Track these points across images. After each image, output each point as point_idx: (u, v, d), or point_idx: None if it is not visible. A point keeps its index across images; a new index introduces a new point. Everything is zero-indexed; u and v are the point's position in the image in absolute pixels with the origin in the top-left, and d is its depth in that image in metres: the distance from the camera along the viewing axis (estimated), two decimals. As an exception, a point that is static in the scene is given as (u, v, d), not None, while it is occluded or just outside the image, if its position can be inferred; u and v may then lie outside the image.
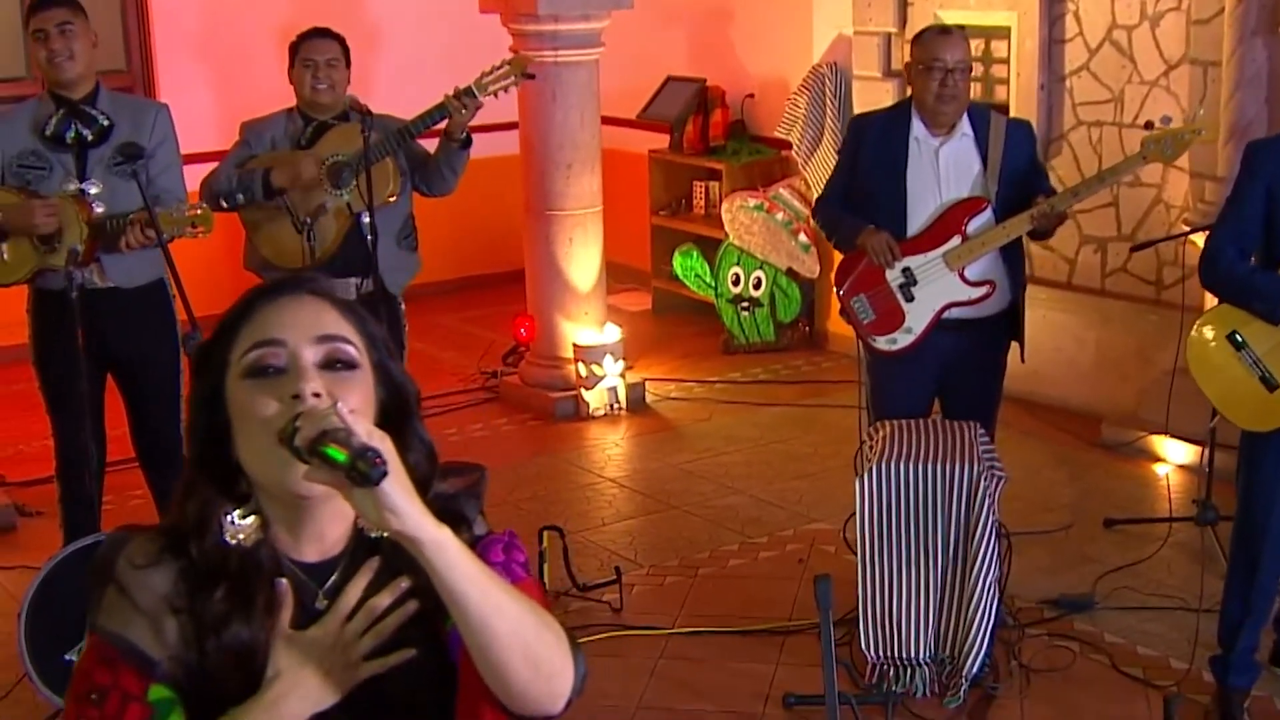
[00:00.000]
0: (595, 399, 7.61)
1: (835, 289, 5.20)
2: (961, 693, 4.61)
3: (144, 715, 1.71)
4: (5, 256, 4.94)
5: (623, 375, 7.65)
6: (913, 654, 4.66)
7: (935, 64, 4.89)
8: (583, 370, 7.60)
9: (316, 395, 1.72)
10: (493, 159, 8.13)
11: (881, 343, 5.09)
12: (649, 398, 7.83)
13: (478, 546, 1.84)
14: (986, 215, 4.97)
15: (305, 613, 1.79)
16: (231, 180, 5.40)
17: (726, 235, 8.70)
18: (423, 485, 1.76)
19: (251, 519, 1.78)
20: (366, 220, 5.41)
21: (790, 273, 8.51)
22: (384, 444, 1.65)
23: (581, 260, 7.68)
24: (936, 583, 4.63)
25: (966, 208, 4.97)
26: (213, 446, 1.78)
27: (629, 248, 9.63)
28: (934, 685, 4.68)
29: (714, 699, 4.79)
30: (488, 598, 1.68)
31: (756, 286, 8.59)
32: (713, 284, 8.79)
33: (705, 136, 9.05)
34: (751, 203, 8.55)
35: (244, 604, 1.75)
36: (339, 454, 1.61)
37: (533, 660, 1.71)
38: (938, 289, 4.99)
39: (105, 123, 4.99)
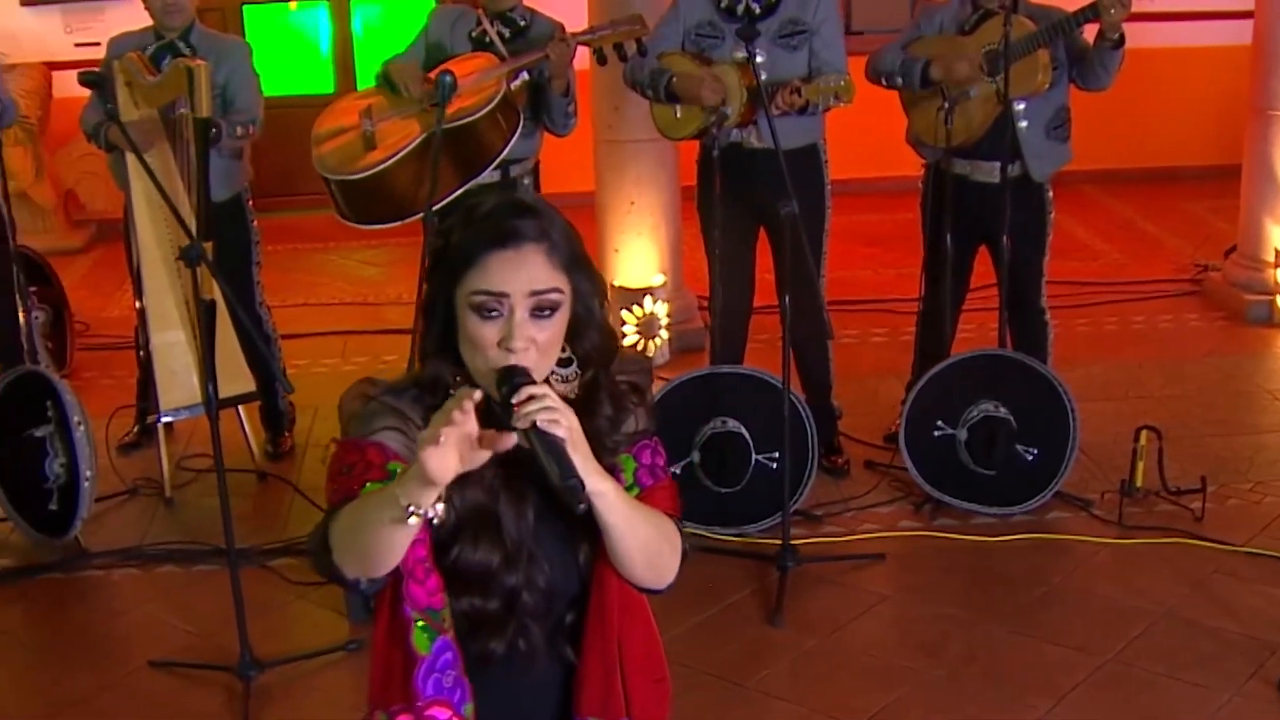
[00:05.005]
0: (1288, 307, 7.43)
1: None
2: None
3: (383, 476, 2.19)
4: (679, 114, 5.68)
5: (1324, 286, 7.41)
6: None
7: None
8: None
9: (525, 347, 2.17)
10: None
11: None
12: (1358, 313, 7.54)
13: (634, 446, 2.33)
14: None
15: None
16: (895, 63, 5.78)
17: None
18: (603, 362, 2.31)
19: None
20: (1017, 108, 5.65)
21: None
22: (568, 417, 2.09)
23: (1297, 163, 7.45)
24: None
25: None
26: (445, 327, 2.26)
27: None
28: None
29: (1240, 620, 4.80)
30: (629, 525, 2.22)
31: None
32: None
33: None
34: None
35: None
36: (551, 468, 2.06)
37: (650, 563, 2.29)
38: None
39: None
